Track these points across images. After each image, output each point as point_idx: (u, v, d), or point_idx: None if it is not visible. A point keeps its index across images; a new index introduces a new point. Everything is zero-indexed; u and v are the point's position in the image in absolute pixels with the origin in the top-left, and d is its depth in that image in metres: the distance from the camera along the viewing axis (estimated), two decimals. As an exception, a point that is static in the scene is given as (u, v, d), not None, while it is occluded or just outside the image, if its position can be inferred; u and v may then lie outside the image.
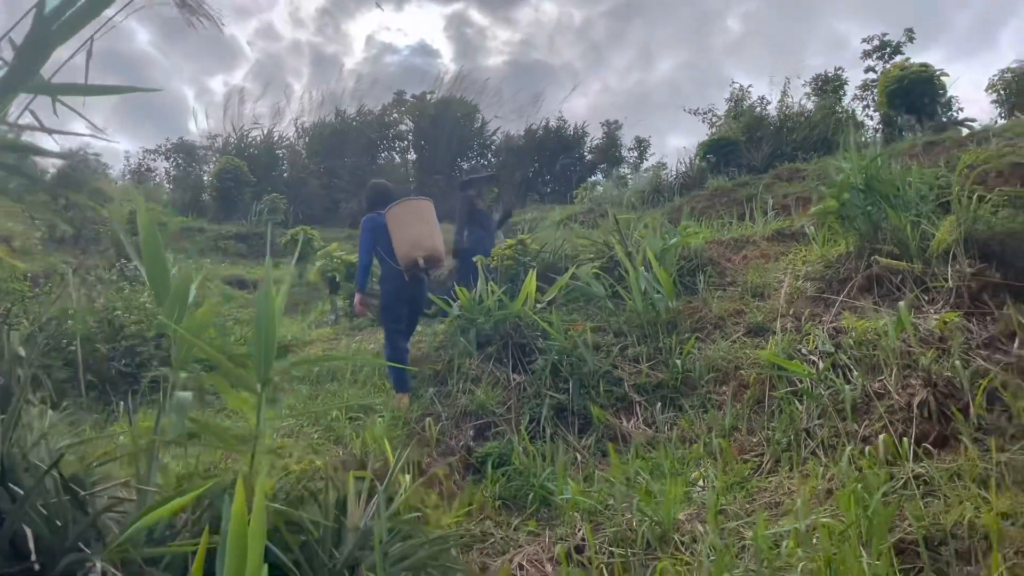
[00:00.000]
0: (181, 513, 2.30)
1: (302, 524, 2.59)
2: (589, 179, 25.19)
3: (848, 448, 3.44)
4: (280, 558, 2.37)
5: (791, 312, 5.11)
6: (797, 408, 4.06)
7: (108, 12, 2.16)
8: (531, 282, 5.55)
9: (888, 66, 14.19)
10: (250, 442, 2.26)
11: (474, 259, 6.66)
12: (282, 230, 18.24)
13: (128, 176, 28.79)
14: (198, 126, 47.01)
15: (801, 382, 4.20)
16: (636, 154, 27.92)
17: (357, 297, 5.59)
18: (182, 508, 2.03)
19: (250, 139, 29.93)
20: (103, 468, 2.78)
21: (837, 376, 4.12)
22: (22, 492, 1.91)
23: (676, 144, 37.51)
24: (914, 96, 11.94)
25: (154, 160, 28.82)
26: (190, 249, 16.04)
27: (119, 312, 5.69)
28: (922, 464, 3.27)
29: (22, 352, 5.07)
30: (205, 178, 27.57)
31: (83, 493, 2.29)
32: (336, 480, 2.95)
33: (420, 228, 5.45)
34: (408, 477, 3.49)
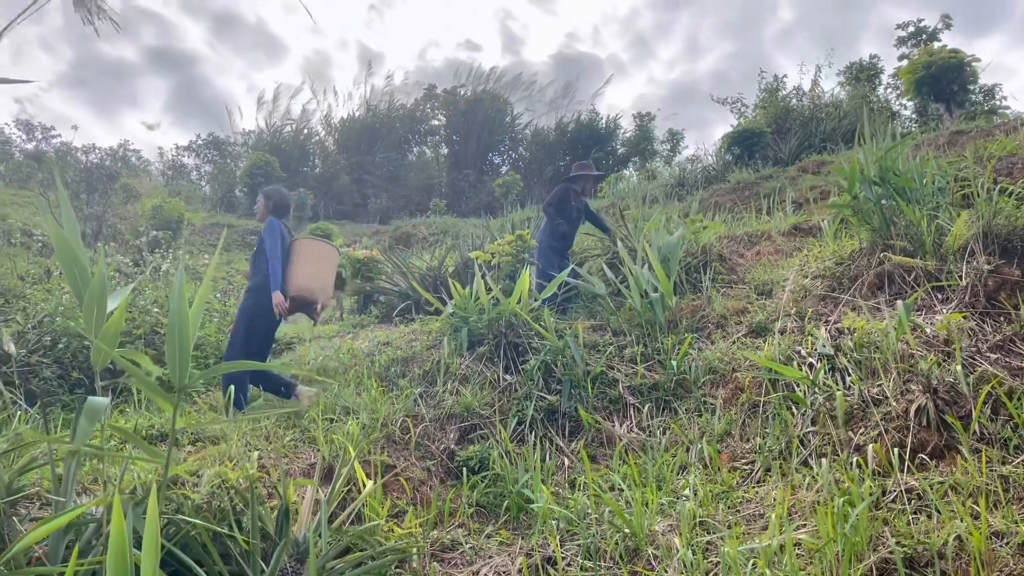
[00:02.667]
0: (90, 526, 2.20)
1: (235, 538, 2.47)
2: (621, 172, 24.83)
3: (835, 458, 3.22)
4: (196, 573, 2.25)
5: (795, 312, 4.87)
6: (791, 414, 3.84)
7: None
8: (525, 280, 5.37)
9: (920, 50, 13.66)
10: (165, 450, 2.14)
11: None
12: (309, 225, 18.38)
13: (166, 173, 29.33)
14: (232, 124, 47.61)
15: (797, 386, 3.98)
16: (669, 147, 27.53)
17: (280, 297, 5.14)
18: (70, 522, 1.92)
19: (283, 135, 30.22)
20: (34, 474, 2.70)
21: (835, 380, 3.89)
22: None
23: (723, 132, 37.14)
24: (943, 84, 11.41)
25: (187, 157, 29.21)
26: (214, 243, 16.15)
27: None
28: (918, 476, 3.06)
29: (12, 349, 5.08)
30: (237, 174, 27.89)
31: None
32: (280, 488, 2.83)
33: (327, 275, 5.44)
34: (371, 483, 3.36)
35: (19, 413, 4.02)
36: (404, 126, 32.18)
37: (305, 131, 31.43)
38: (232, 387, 4.35)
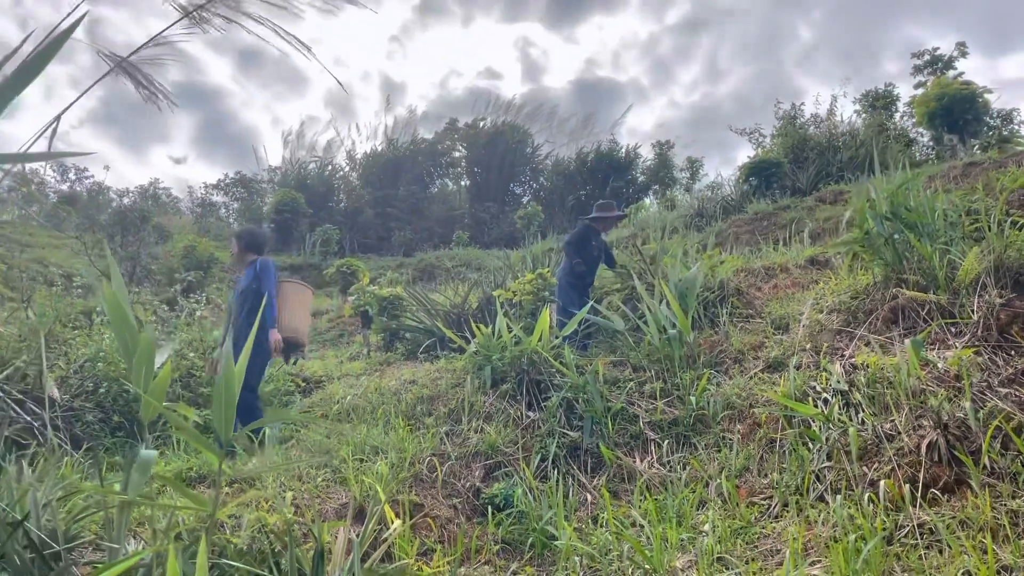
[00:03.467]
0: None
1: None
2: (641, 201, 25.00)
3: (849, 493, 3.32)
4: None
5: (811, 347, 4.97)
6: (808, 450, 3.94)
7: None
8: (545, 318, 5.53)
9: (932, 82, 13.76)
10: (211, 499, 2.31)
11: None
12: (335, 260, 18.68)
13: (195, 210, 29.96)
14: (259, 161, 48.61)
15: (813, 422, 4.08)
16: (688, 175, 27.69)
17: (279, 336, 5.40)
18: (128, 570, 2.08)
19: (308, 170, 30.80)
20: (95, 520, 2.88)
21: (849, 416, 3.99)
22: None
23: (745, 156, 37.26)
24: (955, 115, 11.51)
25: (215, 195, 29.84)
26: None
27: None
28: (930, 511, 3.14)
29: (56, 394, 5.30)
30: (264, 210, 28.44)
31: (54, 550, 2.37)
32: (315, 530, 2.98)
33: (308, 317, 5.89)
34: (399, 522, 3.51)
35: (66, 458, 4.21)
36: (426, 159, 32.71)
37: (330, 167, 32.07)
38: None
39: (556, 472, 4.57)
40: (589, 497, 4.42)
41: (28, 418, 5.06)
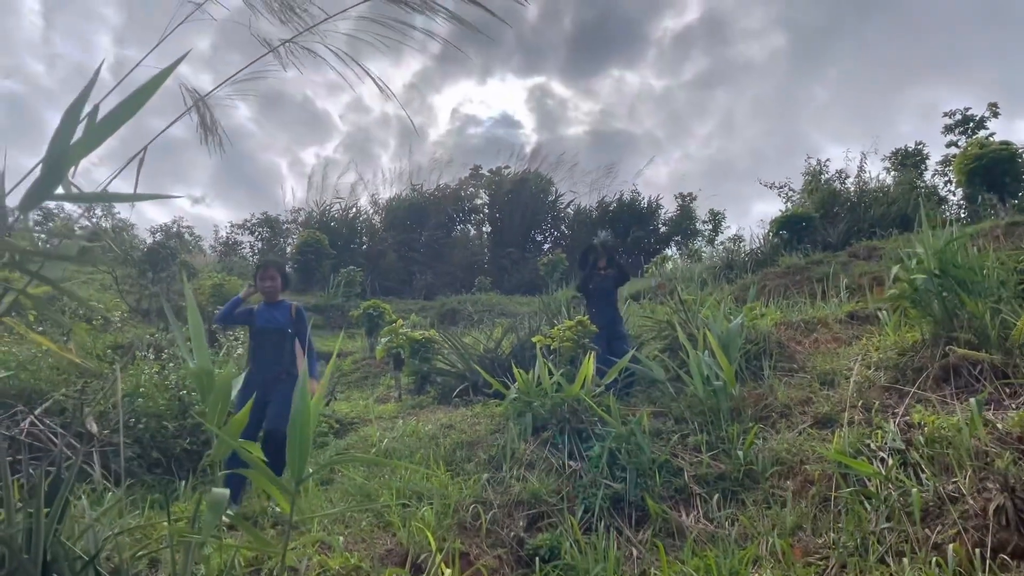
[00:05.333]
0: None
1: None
2: (664, 252, 25.03)
3: (913, 556, 3.22)
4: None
5: (861, 403, 4.89)
6: (865, 509, 3.85)
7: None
8: (588, 365, 5.50)
9: (968, 142, 13.80)
10: (281, 540, 2.28)
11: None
12: (357, 301, 18.74)
13: (218, 248, 30.29)
14: (284, 202, 49.32)
15: (869, 481, 3.99)
16: (711, 227, 27.76)
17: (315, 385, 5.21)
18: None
19: (331, 213, 31.12)
20: (156, 555, 2.84)
21: (908, 475, 3.90)
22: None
23: (760, 210, 37.36)
24: (995, 175, 11.54)
25: (240, 234, 30.17)
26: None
27: (185, 391, 5.89)
28: (1000, 578, 3.05)
29: (95, 428, 5.30)
30: (288, 250, 28.66)
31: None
32: None
33: None
34: (450, 571, 3.44)
35: (108, 494, 4.19)
36: (449, 204, 33.01)
37: (353, 210, 32.40)
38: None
39: (601, 524, 4.48)
40: (635, 552, 4.32)
41: (68, 452, 5.05)
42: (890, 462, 4.01)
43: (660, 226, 30.13)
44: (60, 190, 2.13)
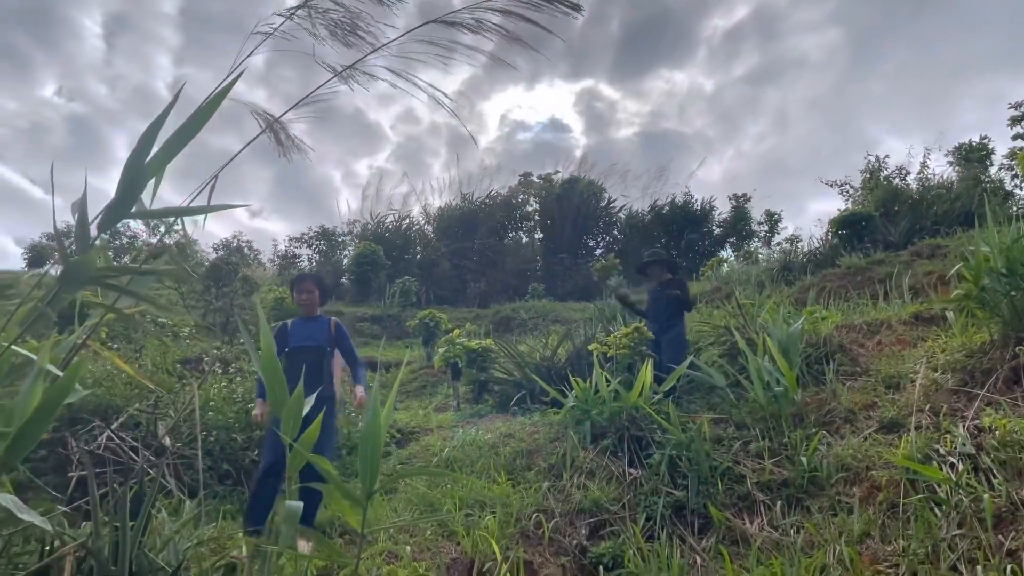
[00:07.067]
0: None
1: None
2: (719, 253, 24.70)
3: (986, 563, 3.15)
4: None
5: (928, 407, 4.79)
6: (935, 515, 3.77)
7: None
8: (646, 372, 5.50)
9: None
10: (354, 550, 2.36)
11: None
12: (413, 311, 18.98)
13: (276, 262, 31.02)
14: (340, 214, 50.25)
15: (939, 487, 3.91)
16: (766, 228, 27.28)
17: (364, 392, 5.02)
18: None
19: (386, 224, 31.58)
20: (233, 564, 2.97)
21: (979, 481, 3.81)
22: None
23: (817, 209, 36.41)
24: (1066, 168, 11.08)
25: (298, 247, 30.81)
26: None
27: (252, 405, 6.07)
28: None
29: (167, 442, 5.51)
30: (344, 262, 29.18)
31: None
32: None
33: None
34: (517, 579, 3.50)
35: (184, 505, 4.36)
36: (500, 212, 33.16)
37: (406, 220, 32.81)
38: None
39: (664, 532, 4.48)
40: (699, 560, 4.31)
41: (145, 466, 5.27)
42: (960, 467, 3.92)
43: (714, 228, 29.73)
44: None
